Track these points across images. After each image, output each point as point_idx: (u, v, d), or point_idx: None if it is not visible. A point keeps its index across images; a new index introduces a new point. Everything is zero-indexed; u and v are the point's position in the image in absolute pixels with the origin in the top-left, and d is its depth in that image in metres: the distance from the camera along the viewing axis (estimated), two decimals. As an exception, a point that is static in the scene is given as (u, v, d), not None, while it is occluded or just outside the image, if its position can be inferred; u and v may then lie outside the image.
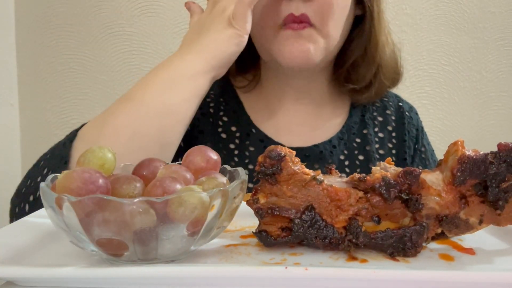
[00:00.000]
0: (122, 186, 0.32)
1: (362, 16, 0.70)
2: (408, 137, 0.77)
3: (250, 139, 0.72)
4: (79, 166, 0.34)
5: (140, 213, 0.28)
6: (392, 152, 0.75)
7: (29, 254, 0.33)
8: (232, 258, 0.34)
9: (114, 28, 1.31)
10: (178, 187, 0.31)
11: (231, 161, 0.71)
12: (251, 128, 0.73)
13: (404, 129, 0.77)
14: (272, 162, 0.35)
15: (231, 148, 0.72)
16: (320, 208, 0.35)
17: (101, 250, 0.30)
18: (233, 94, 0.77)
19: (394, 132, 0.77)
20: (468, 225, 0.36)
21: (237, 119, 0.74)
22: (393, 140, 0.76)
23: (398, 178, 0.35)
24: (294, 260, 0.34)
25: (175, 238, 0.30)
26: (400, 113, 0.79)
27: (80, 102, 1.32)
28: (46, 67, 1.26)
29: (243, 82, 0.77)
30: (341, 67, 0.73)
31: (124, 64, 1.32)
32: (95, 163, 0.34)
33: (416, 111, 0.81)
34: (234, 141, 0.72)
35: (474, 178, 0.35)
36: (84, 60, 1.31)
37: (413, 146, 0.77)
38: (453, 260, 0.34)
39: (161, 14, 1.31)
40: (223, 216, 0.33)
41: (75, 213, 0.28)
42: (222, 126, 0.73)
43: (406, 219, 0.36)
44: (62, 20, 1.30)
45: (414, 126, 0.78)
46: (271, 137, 0.72)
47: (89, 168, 0.31)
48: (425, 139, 0.80)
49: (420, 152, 0.78)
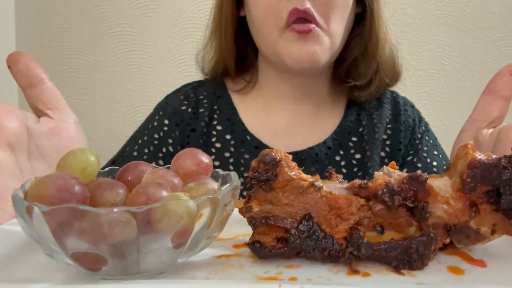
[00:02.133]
0: (103, 193, 0.29)
1: (361, 14, 0.69)
2: (404, 127, 0.75)
3: (244, 146, 0.71)
4: (59, 170, 0.31)
5: (119, 223, 0.25)
6: (386, 143, 0.74)
7: (0, 267, 0.30)
8: (223, 271, 0.31)
9: (114, 28, 1.31)
10: (164, 194, 0.29)
11: (226, 170, 0.70)
12: (245, 135, 0.72)
13: (400, 120, 0.76)
14: (266, 167, 0.32)
15: (226, 156, 0.71)
16: (318, 217, 0.32)
17: (77, 264, 0.27)
18: (227, 99, 0.75)
19: (389, 124, 0.75)
20: (479, 235, 0.33)
21: (231, 127, 0.72)
22: (387, 131, 0.75)
23: (402, 184, 0.32)
24: (290, 274, 0.31)
25: (158, 250, 0.27)
26: (395, 106, 0.78)
27: (80, 102, 1.32)
28: (46, 67, 1.25)
29: (240, 84, 0.76)
30: (341, 65, 0.72)
31: (124, 64, 1.33)
32: (76, 166, 0.31)
33: (412, 104, 0.80)
34: (229, 149, 0.71)
35: (485, 184, 0.32)
36: (84, 60, 1.31)
37: (409, 136, 0.75)
38: (463, 274, 0.32)
39: (161, 14, 1.31)
40: (212, 226, 0.30)
41: (47, 224, 0.25)
42: (216, 135, 0.72)
43: (411, 228, 0.33)
44: (62, 20, 1.30)
45: (410, 117, 0.77)
46: (266, 143, 0.71)
47: (64, 173, 0.28)
48: (426, 131, 0.78)
49: (415, 141, 0.75)
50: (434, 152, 0.76)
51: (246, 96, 0.75)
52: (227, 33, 0.72)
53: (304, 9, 0.60)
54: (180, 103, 0.75)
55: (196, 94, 0.76)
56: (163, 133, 0.73)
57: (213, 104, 0.75)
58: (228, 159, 0.71)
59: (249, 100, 0.75)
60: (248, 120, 0.73)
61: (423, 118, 0.79)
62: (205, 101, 0.75)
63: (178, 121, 0.73)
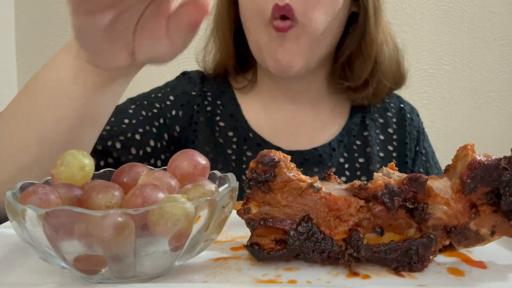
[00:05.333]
0: (98, 195, 0.28)
1: (358, 13, 0.69)
2: (409, 139, 0.75)
3: (247, 144, 0.70)
4: (56, 169, 0.31)
5: (115, 226, 0.25)
6: (392, 155, 0.74)
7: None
8: (220, 274, 0.31)
9: None
10: (161, 196, 0.28)
11: (228, 167, 0.69)
12: (248, 133, 0.71)
13: (405, 131, 0.75)
14: (264, 168, 0.32)
15: (228, 153, 0.70)
16: (317, 219, 0.32)
17: (72, 268, 0.27)
18: (231, 96, 0.75)
19: (395, 135, 0.75)
20: (479, 237, 0.33)
21: (234, 124, 0.72)
22: (394, 142, 0.75)
23: (402, 186, 0.32)
24: (289, 277, 0.31)
25: (155, 254, 0.27)
26: (401, 115, 0.77)
27: None
28: None
29: (242, 82, 0.75)
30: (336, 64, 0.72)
31: None
32: (75, 165, 0.31)
33: (417, 113, 0.80)
34: (231, 146, 0.70)
35: (485, 185, 0.32)
36: None
37: (414, 148, 0.76)
38: (463, 275, 0.31)
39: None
40: (210, 228, 0.29)
41: (41, 227, 0.25)
42: (219, 131, 0.72)
43: (411, 230, 0.33)
44: (62, 20, 1.30)
45: (415, 128, 0.77)
46: (269, 141, 0.71)
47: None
48: (426, 141, 0.79)
49: (421, 154, 0.76)
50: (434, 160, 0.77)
51: (248, 94, 0.75)
52: (226, 32, 0.72)
53: (284, 5, 0.60)
54: (191, 88, 0.74)
55: (202, 85, 0.75)
56: (164, 106, 0.71)
57: (216, 99, 0.74)
58: (230, 156, 0.70)
59: (251, 98, 0.75)
60: (251, 118, 0.73)
61: (422, 126, 0.79)
62: (209, 93, 0.74)
63: (184, 102, 0.72)
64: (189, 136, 0.71)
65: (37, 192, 0.27)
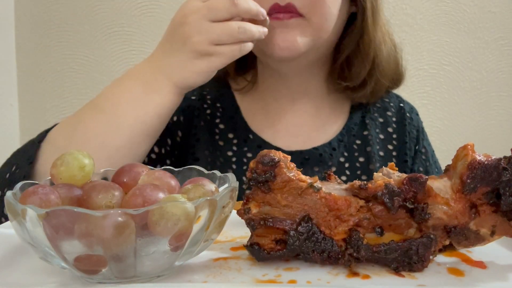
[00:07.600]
0: (98, 195, 0.28)
1: (357, 13, 0.69)
2: (409, 138, 0.75)
3: (247, 145, 0.71)
4: (56, 169, 0.31)
5: (116, 226, 0.25)
6: (392, 154, 0.74)
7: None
8: (220, 274, 0.31)
9: (114, 28, 1.31)
10: (161, 196, 0.28)
11: (229, 169, 0.69)
12: (248, 134, 0.71)
13: (405, 130, 0.75)
14: (264, 168, 0.32)
15: (228, 155, 0.70)
16: (317, 219, 0.32)
17: (72, 268, 0.27)
18: (231, 97, 0.75)
19: (395, 134, 0.75)
20: (479, 237, 0.33)
21: (234, 126, 0.72)
22: (393, 141, 0.75)
23: (402, 186, 0.32)
24: (289, 277, 0.31)
25: (155, 253, 0.27)
26: (401, 114, 0.77)
27: (80, 102, 1.32)
28: (46, 67, 1.26)
29: (242, 83, 0.75)
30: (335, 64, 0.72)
31: (124, 64, 1.33)
32: (75, 165, 0.31)
33: (417, 112, 0.80)
34: (232, 148, 0.71)
35: (485, 185, 0.32)
36: (84, 60, 1.31)
37: (414, 147, 0.76)
38: (463, 275, 0.31)
39: (161, 14, 1.31)
40: (210, 228, 0.29)
41: (41, 227, 0.25)
42: (218, 133, 0.72)
43: (411, 230, 0.33)
44: (62, 20, 1.30)
45: (414, 127, 0.77)
46: (269, 142, 0.71)
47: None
48: (426, 140, 0.79)
49: (420, 153, 0.76)
50: (433, 159, 0.77)
51: (247, 95, 0.75)
52: None
53: (285, 5, 0.59)
54: (190, 92, 0.74)
55: (202, 88, 0.75)
56: None
57: (216, 101, 0.74)
58: (230, 158, 0.70)
59: (251, 99, 0.75)
60: (251, 119, 0.73)
61: (422, 125, 0.79)
62: (208, 96, 0.75)
63: (184, 106, 0.72)
64: (190, 141, 0.71)
65: (37, 192, 0.27)
